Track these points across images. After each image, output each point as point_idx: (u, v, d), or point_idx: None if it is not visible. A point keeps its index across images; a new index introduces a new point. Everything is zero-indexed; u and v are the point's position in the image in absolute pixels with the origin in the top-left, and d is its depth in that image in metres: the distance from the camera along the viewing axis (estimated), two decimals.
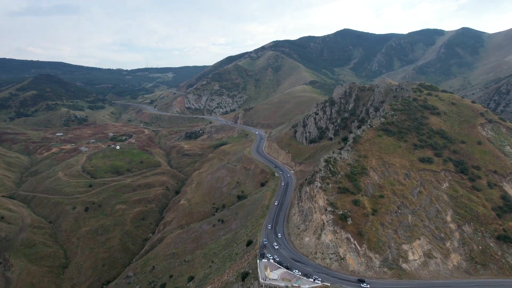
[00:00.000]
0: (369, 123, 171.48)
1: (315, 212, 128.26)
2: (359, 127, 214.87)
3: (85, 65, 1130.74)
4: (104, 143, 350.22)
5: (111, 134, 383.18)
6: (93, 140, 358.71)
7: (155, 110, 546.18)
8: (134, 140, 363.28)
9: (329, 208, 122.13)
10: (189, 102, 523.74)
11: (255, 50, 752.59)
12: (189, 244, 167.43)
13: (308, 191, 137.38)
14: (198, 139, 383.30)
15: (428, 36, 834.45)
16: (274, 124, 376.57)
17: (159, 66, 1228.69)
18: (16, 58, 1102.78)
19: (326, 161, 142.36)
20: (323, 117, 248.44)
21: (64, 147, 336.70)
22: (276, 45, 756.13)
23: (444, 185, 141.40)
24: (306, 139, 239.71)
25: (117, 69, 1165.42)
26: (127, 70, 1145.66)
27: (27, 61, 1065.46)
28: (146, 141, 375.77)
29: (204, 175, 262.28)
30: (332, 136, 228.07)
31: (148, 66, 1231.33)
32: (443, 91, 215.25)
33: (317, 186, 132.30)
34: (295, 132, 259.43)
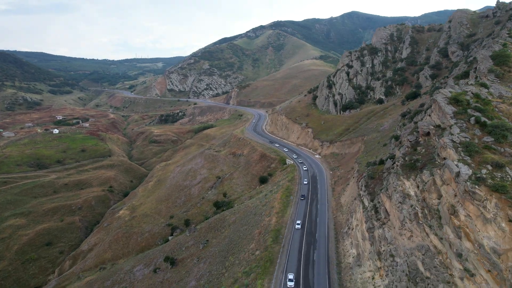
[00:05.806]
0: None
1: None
2: (434, 76, 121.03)
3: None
4: (43, 127, 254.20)
5: (59, 117, 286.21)
6: (30, 124, 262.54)
7: (130, 94, 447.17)
8: (88, 125, 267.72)
9: None
10: (172, 83, 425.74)
11: (252, 29, 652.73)
12: None
13: (416, 195, 41.31)
14: (176, 123, 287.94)
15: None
16: (277, 102, 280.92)
17: (149, 57, 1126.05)
18: None
19: (455, 100, 45.96)
20: (360, 71, 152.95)
21: None
22: (277, 24, 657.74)
23: None
24: (335, 104, 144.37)
25: (103, 59, 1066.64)
26: (113, 60, 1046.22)
27: (3, 51, 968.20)
28: (107, 126, 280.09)
29: (172, 168, 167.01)
30: (383, 97, 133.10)
31: (138, 57, 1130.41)
32: None
33: (459, 174, 34.91)
34: (315, 98, 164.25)
